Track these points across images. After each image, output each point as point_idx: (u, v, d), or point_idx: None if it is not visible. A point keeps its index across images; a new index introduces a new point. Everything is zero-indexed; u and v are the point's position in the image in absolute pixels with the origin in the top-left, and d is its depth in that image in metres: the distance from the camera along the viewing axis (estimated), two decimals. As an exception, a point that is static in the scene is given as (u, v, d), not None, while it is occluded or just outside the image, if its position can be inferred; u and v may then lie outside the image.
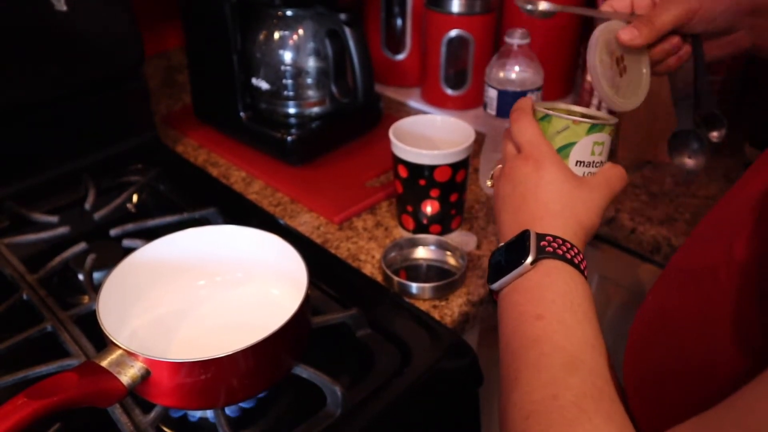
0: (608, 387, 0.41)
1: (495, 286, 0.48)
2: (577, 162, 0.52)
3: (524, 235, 0.47)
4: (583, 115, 0.54)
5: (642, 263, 0.85)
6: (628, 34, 0.53)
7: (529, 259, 0.46)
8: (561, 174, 0.50)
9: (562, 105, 0.55)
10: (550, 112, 0.51)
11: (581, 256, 0.47)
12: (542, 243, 0.46)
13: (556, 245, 0.46)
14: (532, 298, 0.45)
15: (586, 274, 0.47)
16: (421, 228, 0.75)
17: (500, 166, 0.55)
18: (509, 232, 0.50)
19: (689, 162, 0.57)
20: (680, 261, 0.41)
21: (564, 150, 0.51)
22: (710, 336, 0.34)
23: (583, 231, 0.49)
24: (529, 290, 0.46)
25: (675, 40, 0.55)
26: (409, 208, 0.75)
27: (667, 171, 0.91)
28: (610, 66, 0.54)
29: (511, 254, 0.48)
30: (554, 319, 0.44)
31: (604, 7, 0.57)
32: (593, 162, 0.52)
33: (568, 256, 0.46)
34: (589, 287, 0.47)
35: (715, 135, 0.57)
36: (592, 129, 0.51)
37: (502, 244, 0.50)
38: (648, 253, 0.82)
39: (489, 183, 0.57)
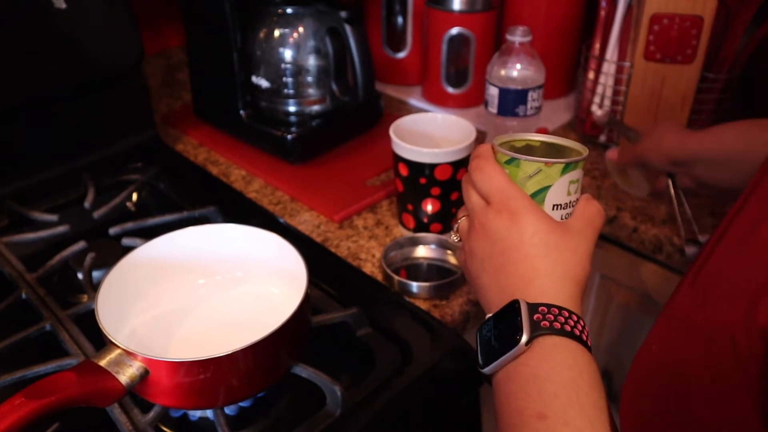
0: None
1: (487, 370, 0.42)
2: (553, 206, 0.46)
3: (514, 307, 0.41)
4: (547, 145, 0.49)
5: (644, 262, 0.85)
6: (613, 154, 0.77)
7: (524, 339, 0.39)
8: (543, 224, 0.44)
9: (519, 136, 0.49)
10: (518, 155, 0.45)
11: (582, 323, 0.42)
12: (536, 316, 0.40)
13: (552, 317, 0.40)
14: (532, 392, 0.39)
15: (590, 343, 0.42)
16: (421, 227, 0.75)
17: (464, 216, 0.49)
18: (495, 299, 0.44)
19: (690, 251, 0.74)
20: (686, 310, 0.37)
21: (538, 195, 0.45)
22: (722, 401, 0.32)
23: (578, 288, 0.43)
24: (527, 381, 0.40)
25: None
26: (410, 207, 0.75)
27: (669, 170, 0.91)
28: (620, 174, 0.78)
29: (501, 331, 0.42)
30: (559, 421, 0.38)
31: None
32: (570, 202, 0.46)
33: (567, 329, 0.40)
34: (594, 362, 0.41)
35: (691, 249, 0.74)
36: (567, 168, 0.45)
37: (489, 315, 0.44)
38: (650, 252, 0.82)
39: (455, 237, 0.51)
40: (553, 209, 0.46)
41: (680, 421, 0.34)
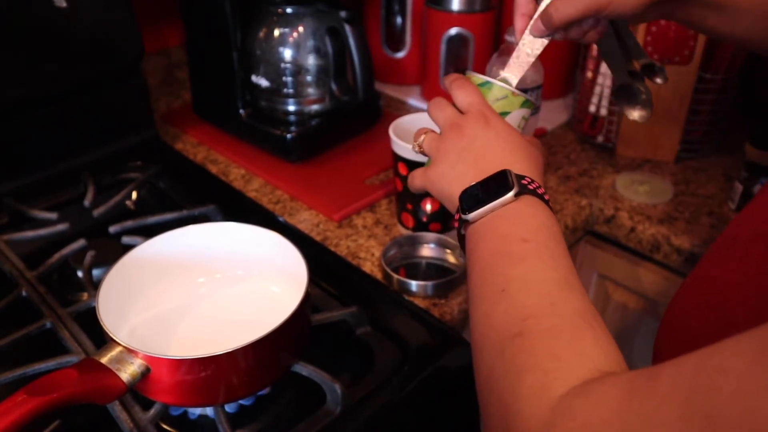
0: (598, 313, 0.40)
1: (473, 215, 0.47)
2: None
3: (503, 173, 0.47)
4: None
5: (642, 262, 0.86)
6: (526, 27, 0.55)
7: (513, 191, 0.45)
8: (512, 131, 0.51)
9: (482, 77, 0.56)
10: (492, 80, 0.54)
11: (551, 203, 0.48)
12: (523, 181, 0.47)
13: (535, 185, 0.47)
14: (517, 223, 0.45)
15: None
16: (420, 226, 0.75)
17: (427, 133, 0.55)
18: (474, 179, 0.49)
19: (635, 112, 0.60)
20: (734, 230, 0.41)
21: None
22: (762, 305, 0.34)
23: (542, 178, 0.50)
24: (513, 217, 0.45)
25: (590, 21, 0.55)
26: (409, 206, 0.75)
27: (666, 170, 0.92)
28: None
29: (490, 187, 0.47)
30: (541, 244, 0.43)
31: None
32: None
33: (546, 197, 0.47)
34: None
35: (659, 80, 0.60)
36: (525, 104, 0.54)
37: (474, 183, 0.49)
38: (647, 251, 0.82)
39: (417, 149, 0.56)
40: None
41: (721, 328, 0.37)
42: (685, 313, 0.43)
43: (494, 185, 0.47)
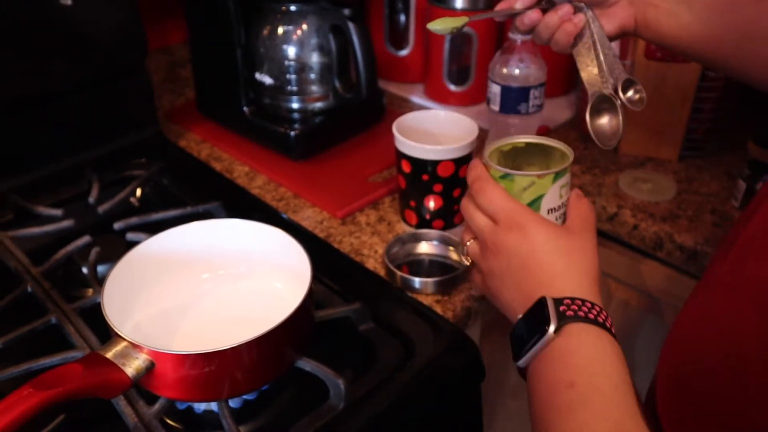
0: None
1: (521, 362, 0.45)
2: (548, 211, 0.50)
3: (541, 303, 0.44)
4: (532, 145, 0.52)
5: (644, 259, 0.86)
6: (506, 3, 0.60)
7: (552, 328, 0.42)
8: (550, 232, 0.47)
9: (504, 140, 0.52)
10: (512, 171, 0.49)
11: (605, 313, 0.44)
12: (561, 308, 0.43)
13: (576, 307, 0.43)
14: (562, 366, 0.42)
15: (613, 330, 0.44)
16: (423, 223, 0.76)
17: (471, 240, 0.52)
18: (519, 307, 0.46)
19: (606, 126, 0.59)
20: (726, 277, 0.40)
21: (534, 204, 0.49)
22: (737, 349, 0.34)
23: (593, 283, 0.46)
24: (557, 358, 0.43)
25: (565, 7, 0.59)
26: (412, 203, 0.75)
27: (669, 168, 0.92)
28: None
29: (531, 325, 0.45)
30: (588, 386, 0.40)
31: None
32: (562, 204, 0.50)
33: (591, 317, 0.43)
34: (618, 346, 0.43)
35: (630, 95, 0.60)
36: (558, 176, 0.49)
37: (519, 316, 0.46)
38: (650, 249, 0.82)
39: (466, 261, 0.54)
40: (548, 213, 0.50)
41: (734, 392, 0.35)
42: (694, 332, 0.41)
43: (534, 321, 0.44)
